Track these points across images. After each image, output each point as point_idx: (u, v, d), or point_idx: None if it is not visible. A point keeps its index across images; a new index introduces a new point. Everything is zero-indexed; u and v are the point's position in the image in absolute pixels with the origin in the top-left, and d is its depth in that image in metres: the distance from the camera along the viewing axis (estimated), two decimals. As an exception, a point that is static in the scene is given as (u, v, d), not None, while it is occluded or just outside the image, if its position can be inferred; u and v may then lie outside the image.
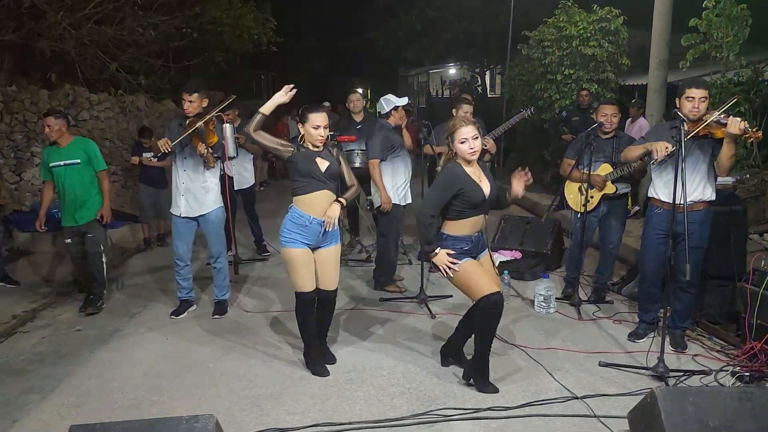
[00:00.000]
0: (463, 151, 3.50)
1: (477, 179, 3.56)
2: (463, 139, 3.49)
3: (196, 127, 4.58)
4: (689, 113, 3.87)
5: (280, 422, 3.32)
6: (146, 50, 10.00)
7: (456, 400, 3.54)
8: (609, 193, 4.98)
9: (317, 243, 3.80)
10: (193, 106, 4.67)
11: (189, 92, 4.67)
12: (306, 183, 3.71)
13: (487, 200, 3.59)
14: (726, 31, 6.92)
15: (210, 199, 4.85)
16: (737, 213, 4.55)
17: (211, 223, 4.88)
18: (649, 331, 4.40)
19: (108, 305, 5.35)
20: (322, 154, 3.78)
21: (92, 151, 5.18)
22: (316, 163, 3.71)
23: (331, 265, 3.90)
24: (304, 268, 3.78)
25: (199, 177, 4.78)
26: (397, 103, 5.45)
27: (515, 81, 11.52)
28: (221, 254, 5.01)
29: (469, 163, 3.57)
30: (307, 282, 3.81)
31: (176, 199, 4.85)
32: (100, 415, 3.43)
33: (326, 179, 3.74)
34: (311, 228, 3.73)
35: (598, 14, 9.36)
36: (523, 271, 5.87)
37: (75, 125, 8.62)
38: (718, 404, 2.82)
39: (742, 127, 3.63)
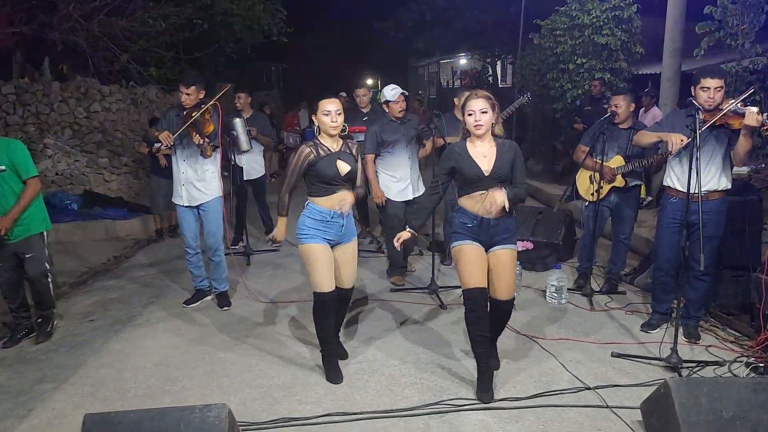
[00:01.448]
0: (469, 123, 3.43)
1: (479, 156, 3.43)
2: (471, 111, 3.40)
3: (193, 118, 4.61)
4: (704, 103, 3.79)
5: (293, 411, 3.34)
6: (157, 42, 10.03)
7: (467, 390, 3.53)
8: (618, 186, 4.91)
9: (338, 239, 3.71)
10: (190, 99, 4.69)
11: (186, 85, 4.67)
12: (326, 188, 3.62)
13: (486, 177, 3.41)
14: (741, 18, 6.82)
15: (209, 188, 4.86)
16: (752, 203, 4.49)
17: (209, 212, 4.88)
18: (662, 321, 4.36)
19: (120, 295, 5.39)
20: (341, 155, 3.65)
21: (17, 155, 4.21)
22: (336, 168, 3.60)
23: (351, 262, 3.80)
24: (324, 266, 3.60)
25: (198, 167, 4.80)
26: (386, 97, 5.22)
27: (527, 71, 11.43)
28: (219, 247, 5.00)
29: (479, 138, 3.45)
30: (326, 280, 3.61)
31: (178, 189, 4.87)
32: (113, 404, 3.46)
33: (345, 181, 3.67)
34: (333, 223, 3.64)
35: (611, 2, 9.24)
36: (535, 261, 5.85)
37: (87, 117, 8.67)
38: (732, 395, 2.80)
39: (760, 119, 3.54)
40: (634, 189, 4.97)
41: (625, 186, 4.90)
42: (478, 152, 3.46)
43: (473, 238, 3.47)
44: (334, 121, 3.59)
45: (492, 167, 3.42)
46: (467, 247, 3.47)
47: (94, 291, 5.55)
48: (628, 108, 4.88)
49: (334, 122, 3.59)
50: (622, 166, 4.83)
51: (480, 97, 3.41)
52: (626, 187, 4.92)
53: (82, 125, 8.60)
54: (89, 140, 8.60)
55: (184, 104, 4.72)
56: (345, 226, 3.70)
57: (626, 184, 4.89)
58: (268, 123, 6.90)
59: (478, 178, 3.42)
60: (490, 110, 3.41)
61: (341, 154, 3.66)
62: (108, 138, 8.77)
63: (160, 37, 9.94)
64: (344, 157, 3.66)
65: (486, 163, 3.43)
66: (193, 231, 4.95)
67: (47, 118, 8.34)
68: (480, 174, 3.42)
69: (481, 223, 3.45)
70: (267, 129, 6.81)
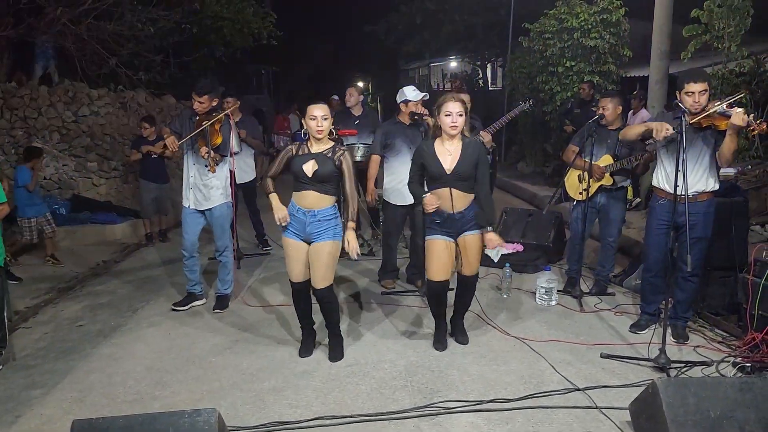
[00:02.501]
0: (446, 123, 3.76)
1: (445, 154, 3.79)
2: (448, 112, 3.74)
3: (202, 128, 4.62)
4: (690, 107, 3.83)
5: (283, 416, 3.33)
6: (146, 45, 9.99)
7: (458, 392, 3.54)
8: (606, 185, 4.97)
9: (306, 236, 3.86)
10: (203, 107, 4.72)
11: (198, 93, 4.68)
12: (297, 185, 3.87)
13: (448, 175, 3.77)
14: (728, 22, 6.91)
15: (216, 194, 4.88)
16: (739, 204, 4.54)
17: (216, 217, 4.91)
18: (651, 322, 4.39)
19: (110, 300, 5.36)
20: (318, 157, 3.80)
21: None
22: (302, 168, 3.79)
23: (320, 261, 3.84)
24: (289, 258, 3.93)
25: (207, 172, 4.79)
26: (407, 97, 5.14)
27: (516, 73, 11.50)
28: (227, 248, 5.03)
29: (451, 138, 3.79)
30: (293, 272, 3.94)
31: (185, 192, 4.90)
32: (102, 409, 3.44)
33: (312, 181, 3.80)
34: (298, 218, 3.85)
35: (599, 5, 9.32)
36: (525, 263, 5.87)
37: (75, 121, 8.62)
38: (719, 395, 2.82)
39: (746, 119, 3.58)
40: (621, 191, 5.03)
41: (612, 185, 4.95)
42: (445, 150, 3.82)
43: (443, 233, 3.86)
44: (319, 126, 3.78)
45: (454, 166, 3.77)
46: (437, 242, 3.89)
47: (83, 296, 5.51)
48: (615, 110, 4.94)
49: (319, 127, 3.78)
50: (611, 164, 4.89)
51: (458, 100, 3.76)
52: (613, 188, 4.97)
53: (70, 129, 8.54)
54: (77, 144, 8.54)
55: (196, 111, 4.74)
56: (310, 225, 3.83)
57: (614, 183, 4.94)
58: (257, 126, 6.90)
59: (441, 176, 3.79)
60: (464, 113, 3.77)
61: (318, 156, 3.81)
62: (96, 142, 8.71)
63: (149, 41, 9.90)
64: (319, 159, 3.79)
65: (449, 162, 3.78)
66: (194, 234, 4.94)
67: (35, 122, 8.28)
68: (442, 172, 3.79)
69: (447, 219, 3.84)
70: (257, 132, 6.79)
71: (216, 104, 4.80)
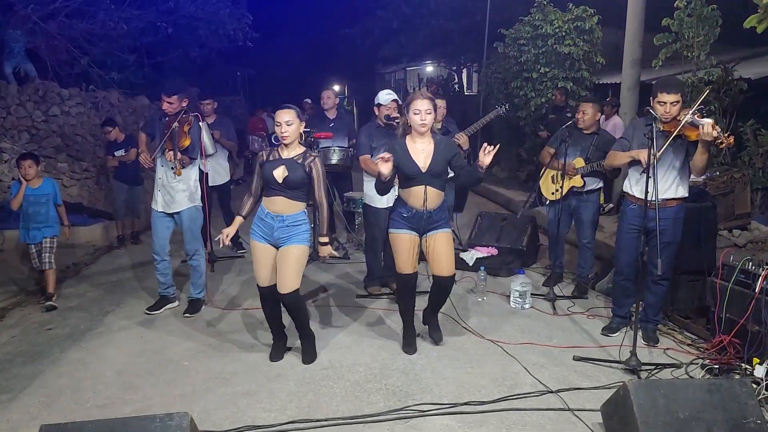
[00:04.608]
0: (414, 121, 3.79)
1: (418, 152, 3.81)
2: (417, 110, 3.77)
3: (171, 129, 4.57)
4: (661, 117, 3.91)
5: (256, 419, 3.30)
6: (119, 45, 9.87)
7: (432, 395, 3.55)
8: (577, 186, 5.08)
9: (274, 240, 3.84)
10: (172, 107, 4.66)
11: (168, 94, 4.63)
12: (268, 189, 3.85)
13: (423, 173, 3.79)
14: (697, 31, 7.05)
15: (183, 198, 4.82)
16: (707, 209, 4.63)
17: (184, 221, 4.85)
18: (622, 325, 4.46)
19: (80, 303, 5.26)
20: (288, 163, 3.79)
21: None
22: (272, 174, 3.77)
23: (286, 265, 3.79)
24: (257, 262, 3.91)
25: (174, 175, 4.73)
26: (378, 100, 5.15)
27: (491, 79, 11.60)
28: (196, 252, 4.96)
29: (420, 136, 3.82)
30: (260, 276, 3.92)
31: (155, 194, 4.84)
32: (71, 414, 3.37)
33: (282, 188, 3.79)
34: (266, 222, 3.84)
35: (573, 13, 9.45)
36: (500, 267, 5.91)
37: (45, 121, 8.47)
38: (688, 396, 2.88)
39: (714, 133, 3.65)
40: (593, 193, 5.14)
41: (582, 187, 5.07)
42: (417, 149, 3.84)
43: (408, 227, 3.89)
44: (283, 132, 3.77)
45: (429, 164, 3.80)
46: (403, 236, 3.93)
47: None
48: (595, 115, 5.09)
49: (283, 133, 3.78)
50: (583, 167, 5.02)
51: (426, 98, 3.80)
52: (585, 191, 5.10)
53: (40, 129, 8.39)
54: (47, 145, 8.39)
55: (166, 111, 4.68)
56: (278, 230, 3.81)
57: (584, 184, 5.07)
58: (232, 128, 6.85)
59: (416, 174, 3.80)
60: (433, 111, 3.81)
61: (288, 162, 3.79)
62: (67, 142, 8.57)
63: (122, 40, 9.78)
64: (290, 165, 3.78)
65: (423, 160, 3.80)
66: (163, 237, 4.87)
67: (4, 122, 8.11)
68: (417, 171, 3.80)
69: (415, 215, 3.88)
70: (231, 134, 6.74)
71: (186, 105, 4.73)
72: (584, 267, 5.31)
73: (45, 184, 5.33)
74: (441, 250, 3.93)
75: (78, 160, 8.63)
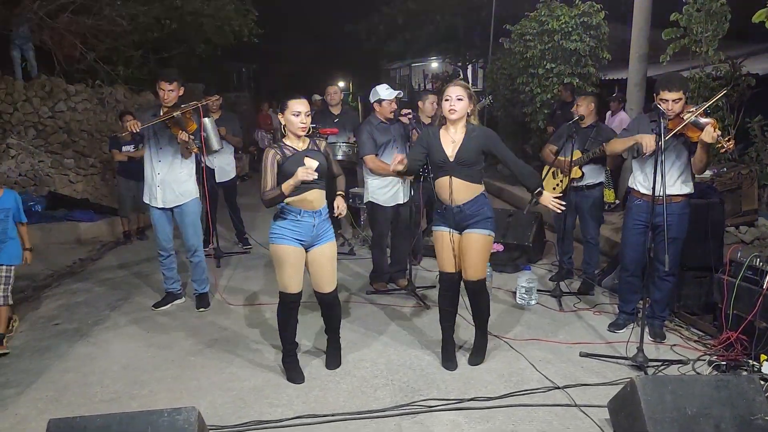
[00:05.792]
0: (444, 108, 3.65)
1: (448, 141, 3.66)
2: (448, 96, 3.62)
3: (172, 115, 4.51)
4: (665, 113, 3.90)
5: (263, 414, 3.31)
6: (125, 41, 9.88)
7: (439, 390, 3.55)
8: (576, 179, 5.08)
9: (311, 240, 3.61)
10: (172, 95, 4.58)
11: (169, 80, 4.56)
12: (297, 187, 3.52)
13: (450, 162, 3.62)
14: (705, 26, 7.00)
15: (187, 190, 4.80)
16: (714, 206, 4.61)
17: (187, 214, 4.81)
18: (628, 321, 4.45)
19: (87, 299, 5.28)
20: (309, 153, 3.56)
21: None
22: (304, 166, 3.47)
23: (327, 264, 3.68)
24: (292, 268, 3.58)
25: (176, 167, 4.73)
26: (380, 96, 5.05)
27: (497, 75, 11.56)
28: (198, 247, 4.95)
29: (453, 124, 3.66)
30: (293, 282, 3.60)
31: (152, 191, 4.76)
32: (78, 409, 3.39)
33: (316, 180, 3.50)
34: (303, 223, 3.55)
35: (579, 8, 9.41)
36: (506, 263, 5.90)
37: (51, 117, 8.49)
38: (695, 392, 2.87)
39: (714, 136, 3.65)
40: (594, 188, 5.13)
41: (581, 179, 5.10)
42: (449, 138, 3.68)
43: (444, 224, 3.74)
44: (303, 122, 3.53)
45: (456, 152, 3.62)
46: (439, 233, 3.78)
47: (59, 294, 5.42)
48: (588, 108, 5.06)
49: (303, 123, 3.53)
50: (580, 157, 5.03)
51: (458, 85, 3.66)
52: (585, 186, 5.13)
53: (46, 125, 8.41)
54: (54, 140, 8.41)
55: (164, 101, 4.59)
56: (317, 226, 3.60)
57: (583, 175, 5.08)
58: (237, 123, 6.85)
59: (444, 162, 3.65)
60: (466, 98, 3.62)
61: (309, 153, 3.59)
62: (74, 138, 8.59)
63: (128, 36, 9.79)
64: (312, 155, 3.58)
65: (452, 149, 3.64)
66: (167, 233, 4.86)
67: (10, 118, 8.14)
68: (445, 158, 3.64)
69: (446, 210, 3.70)
70: (236, 129, 6.75)
71: (182, 93, 4.66)
72: (589, 263, 5.31)
73: (5, 196, 4.35)
74: (467, 251, 3.66)
75: (84, 156, 8.65)
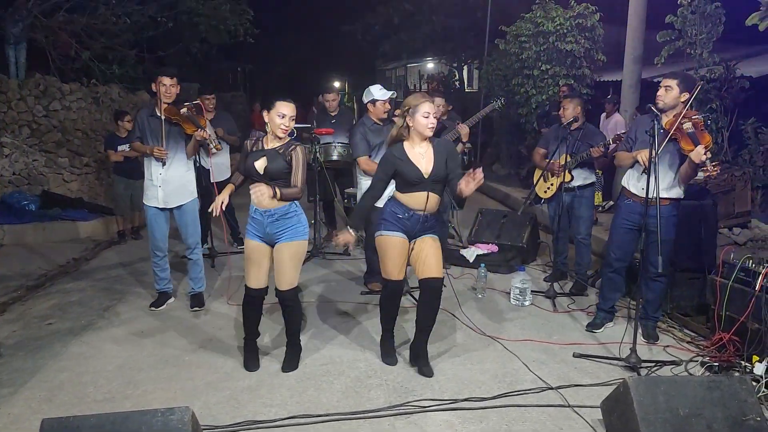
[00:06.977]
0: (424, 124, 3.59)
1: (418, 157, 3.62)
2: (427, 113, 3.59)
3: (184, 114, 4.53)
4: (656, 99, 3.99)
5: (257, 414, 3.31)
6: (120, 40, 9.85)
7: (433, 391, 3.56)
8: (565, 182, 5.10)
9: (268, 237, 3.69)
10: (173, 90, 4.55)
11: (171, 75, 4.54)
12: (249, 181, 3.69)
13: (427, 179, 3.61)
14: (700, 29, 7.04)
15: (189, 190, 4.81)
16: (708, 207, 4.64)
17: (188, 213, 4.82)
18: (606, 320, 4.49)
19: (81, 298, 5.26)
20: (269, 153, 3.62)
21: None
22: (254, 165, 3.62)
23: (284, 262, 3.68)
24: (250, 261, 3.73)
25: (180, 167, 4.72)
26: (374, 96, 5.09)
27: (492, 76, 11.58)
28: (198, 245, 4.97)
29: (422, 140, 3.65)
30: (251, 276, 3.74)
31: (152, 191, 4.74)
32: (72, 409, 3.38)
33: (263, 179, 3.61)
34: (256, 219, 3.70)
35: (574, 10, 9.44)
36: (500, 264, 5.92)
37: (46, 115, 8.46)
38: (688, 393, 2.89)
39: (703, 158, 3.73)
40: (586, 189, 5.16)
41: (571, 182, 5.12)
42: (417, 154, 3.65)
43: (401, 230, 3.69)
44: (285, 125, 3.59)
45: (431, 169, 3.62)
46: (394, 238, 3.70)
47: (53, 294, 5.40)
48: (575, 110, 5.09)
49: (285, 126, 3.60)
50: (569, 161, 5.04)
51: (431, 99, 3.70)
52: (577, 187, 5.15)
53: (41, 124, 8.38)
54: (48, 139, 8.38)
55: (166, 97, 4.53)
56: (270, 225, 3.66)
57: (572, 178, 5.11)
58: (232, 122, 6.83)
59: (419, 180, 3.62)
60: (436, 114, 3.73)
61: (269, 153, 3.63)
62: (68, 137, 8.56)
63: (123, 35, 9.77)
64: (271, 156, 3.61)
65: (425, 165, 3.63)
66: (164, 233, 4.85)
67: (4, 116, 8.10)
68: (420, 176, 3.61)
69: (412, 217, 3.66)
70: (232, 128, 6.73)
71: (178, 92, 4.64)
72: (581, 264, 5.33)
73: None
74: (431, 251, 3.69)
75: (79, 155, 8.62)
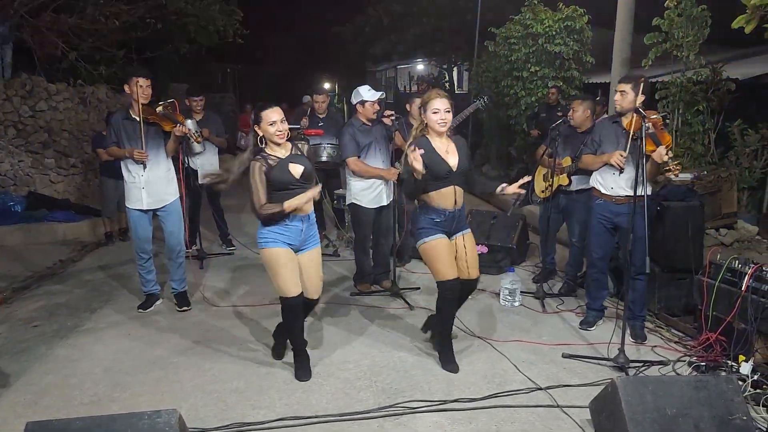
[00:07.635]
0: (433, 120, 3.65)
1: (444, 152, 3.68)
2: (436, 109, 3.64)
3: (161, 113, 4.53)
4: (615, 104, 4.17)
5: (245, 417, 3.29)
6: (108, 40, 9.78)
7: (422, 392, 3.55)
8: (564, 185, 5.12)
9: (299, 244, 3.64)
10: (149, 92, 4.55)
11: (146, 76, 4.54)
12: (285, 193, 3.52)
13: (455, 173, 3.68)
14: (686, 31, 7.09)
15: (171, 190, 4.79)
16: (695, 208, 4.67)
17: (171, 214, 4.79)
18: (598, 318, 4.55)
19: (67, 300, 5.22)
20: (293, 158, 3.58)
21: None
22: (290, 172, 3.53)
23: (314, 270, 3.73)
24: (287, 269, 3.56)
25: (161, 167, 4.69)
26: (363, 97, 5.03)
27: (482, 77, 11.62)
28: (182, 248, 4.93)
29: (439, 136, 3.70)
30: (291, 284, 3.57)
31: (134, 193, 4.68)
32: (58, 412, 3.34)
33: (303, 183, 3.56)
34: (293, 227, 3.58)
35: (563, 13, 9.49)
36: (489, 265, 5.92)
37: (32, 116, 8.38)
38: (675, 393, 2.90)
39: (665, 158, 3.83)
40: (582, 193, 5.14)
41: (569, 186, 5.12)
42: (441, 149, 3.69)
43: (441, 232, 3.71)
44: (280, 131, 3.53)
45: (458, 162, 3.69)
46: (442, 241, 3.71)
47: (38, 296, 5.35)
48: (584, 113, 5.08)
49: (280, 131, 3.53)
50: (570, 165, 5.05)
51: (443, 96, 3.69)
52: (574, 191, 5.12)
53: (27, 124, 8.30)
54: (34, 140, 8.30)
55: (142, 99, 4.52)
56: (305, 231, 3.64)
57: (570, 183, 5.10)
58: (221, 124, 6.80)
59: (448, 174, 3.65)
60: (451, 110, 3.69)
61: (292, 158, 3.60)
62: (54, 138, 8.48)
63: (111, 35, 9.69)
64: (295, 160, 3.60)
65: (451, 159, 3.68)
66: (148, 235, 4.81)
67: (-10, 117, 8.03)
68: (449, 170, 3.65)
69: (448, 217, 3.70)
70: (220, 130, 6.70)
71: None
72: (572, 265, 5.35)
73: None
74: (471, 252, 3.81)
75: (65, 156, 8.55)
